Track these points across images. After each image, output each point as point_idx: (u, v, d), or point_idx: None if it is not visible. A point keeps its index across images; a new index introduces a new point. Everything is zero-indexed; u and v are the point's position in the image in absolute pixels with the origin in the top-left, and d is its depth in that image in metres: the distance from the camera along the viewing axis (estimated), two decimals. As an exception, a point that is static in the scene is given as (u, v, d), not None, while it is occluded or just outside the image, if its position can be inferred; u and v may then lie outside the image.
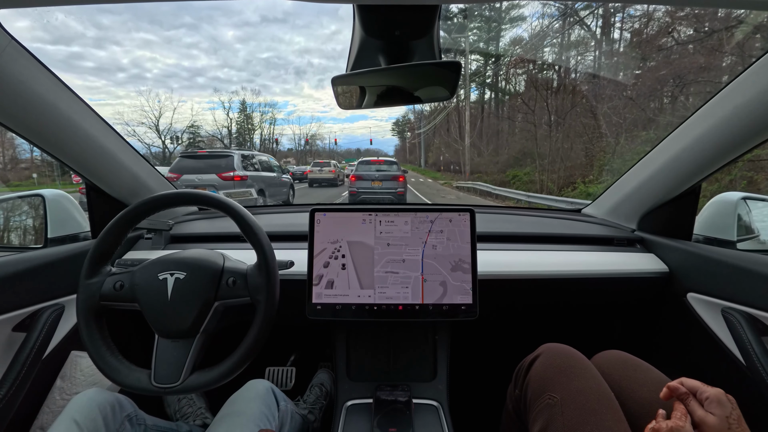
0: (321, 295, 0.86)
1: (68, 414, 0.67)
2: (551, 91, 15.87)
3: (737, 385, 0.82)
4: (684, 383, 0.56)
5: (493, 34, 25.81)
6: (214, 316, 0.71)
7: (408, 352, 1.00)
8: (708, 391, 0.54)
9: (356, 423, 0.84)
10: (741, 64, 8.05)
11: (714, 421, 0.51)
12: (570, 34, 17.06)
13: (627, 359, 0.77)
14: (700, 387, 0.55)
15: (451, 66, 0.63)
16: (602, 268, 1.03)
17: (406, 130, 64.30)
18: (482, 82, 27.27)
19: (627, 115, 11.11)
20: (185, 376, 0.67)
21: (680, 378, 0.58)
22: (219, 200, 0.75)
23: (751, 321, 0.80)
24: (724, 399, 0.53)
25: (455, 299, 0.86)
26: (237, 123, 41.21)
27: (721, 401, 0.52)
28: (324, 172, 17.15)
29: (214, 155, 7.65)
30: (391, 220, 0.89)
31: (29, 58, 0.73)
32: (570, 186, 12.31)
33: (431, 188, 18.98)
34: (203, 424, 1.06)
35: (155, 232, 1.13)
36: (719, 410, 0.51)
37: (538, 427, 0.66)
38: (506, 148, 20.35)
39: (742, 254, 0.86)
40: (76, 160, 0.95)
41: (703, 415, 0.52)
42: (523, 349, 0.84)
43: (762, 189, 6.49)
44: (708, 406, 0.52)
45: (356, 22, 0.59)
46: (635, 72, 12.16)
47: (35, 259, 0.89)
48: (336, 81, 0.69)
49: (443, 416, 0.86)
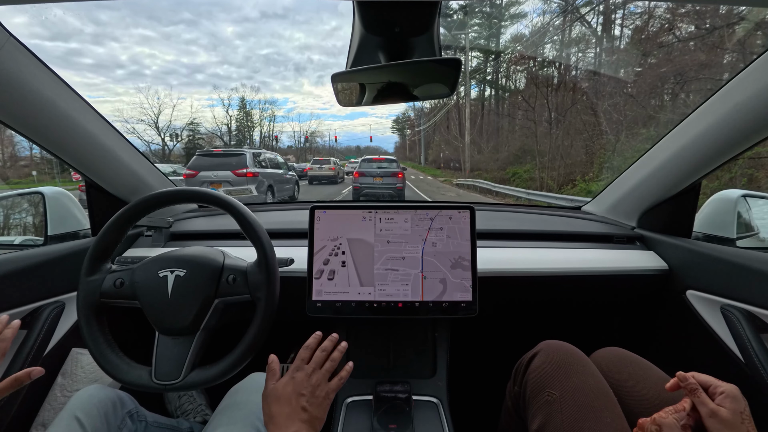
0: (321, 293, 0.87)
1: (70, 410, 0.67)
2: (552, 88, 15.82)
3: (735, 382, 0.82)
4: (696, 377, 0.55)
5: (494, 31, 25.70)
6: (214, 314, 0.72)
7: (408, 349, 1.00)
8: (723, 386, 0.53)
9: (356, 419, 0.84)
10: (742, 61, 8.03)
11: (727, 414, 0.50)
12: (570, 30, 17.00)
13: (626, 356, 0.77)
14: (714, 381, 0.54)
15: (452, 63, 0.63)
16: (602, 266, 1.03)
17: (406, 128, 64.26)
18: (482, 79, 27.20)
19: (627, 112, 11.09)
20: (186, 373, 0.68)
21: (692, 372, 0.57)
22: (219, 197, 0.74)
23: (750, 318, 0.80)
24: (739, 395, 0.52)
25: (455, 296, 0.86)
26: (237, 120, 41.16)
27: (736, 397, 0.51)
28: (324, 170, 17.14)
29: (228, 154, 8.21)
30: (391, 218, 0.89)
31: (28, 55, 0.73)
32: (570, 183, 12.31)
33: (431, 185, 18.97)
34: (204, 420, 1.07)
35: (155, 229, 1.13)
36: (733, 405, 0.50)
37: (536, 424, 0.66)
38: (506, 146, 20.33)
39: (742, 252, 0.86)
40: (76, 157, 0.95)
41: (715, 408, 0.51)
42: (523, 346, 0.84)
43: (762, 186, 6.49)
44: (722, 400, 0.51)
45: (356, 19, 0.59)
46: (636, 69, 12.12)
47: (36, 256, 0.89)
48: (336, 78, 0.69)
49: (443, 413, 0.86)
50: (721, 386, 0.53)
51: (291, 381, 0.61)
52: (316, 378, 0.62)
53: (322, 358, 0.65)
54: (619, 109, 11.31)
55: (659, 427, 0.53)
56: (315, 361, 0.64)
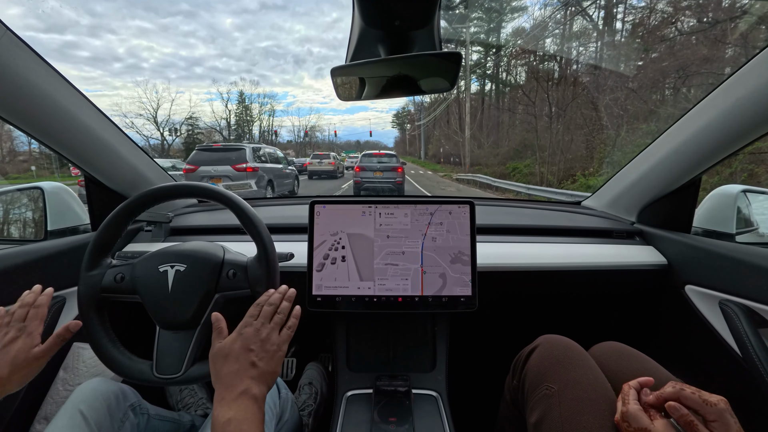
0: (321, 287, 0.87)
1: (73, 403, 0.67)
2: (552, 82, 15.74)
3: (733, 376, 0.83)
4: (685, 401, 0.52)
5: (494, 24, 25.50)
6: (214, 308, 0.72)
7: (407, 343, 1.01)
8: (712, 410, 0.50)
9: (356, 413, 0.85)
10: (744, 56, 7.97)
11: None
12: (572, 24, 16.86)
13: (624, 350, 0.78)
14: (701, 406, 0.51)
15: (452, 57, 0.63)
16: (601, 261, 1.03)
17: (406, 122, 64.03)
18: (483, 73, 27.04)
19: (628, 107, 11.05)
20: (186, 367, 0.68)
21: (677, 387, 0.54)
22: (218, 192, 0.74)
23: (749, 313, 0.81)
24: (729, 414, 0.50)
25: (454, 291, 0.86)
26: (236, 114, 40.98)
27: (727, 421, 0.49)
28: (323, 164, 17.10)
29: (228, 148, 8.12)
30: (390, 213, 0.89)
31: (25, 49, 0.72)
32: (570, 178, 12.30)
33: (431, 180, 18.95)
34: (205, 414, 1.08)
35: (155, 224, 1.13)
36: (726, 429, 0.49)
37: (535, 417, 0.67)
38: (506, 140, 20.29)
39: (741, 247, 0.86)
40: (75, 152, 0.95)
41: None
42: (522, 341, 0.84)
43: (762, 182, 6.48)
44: (717, 428, 0.49)
45: (356, 12, 0.58)
46: (637, 63, 12.05)
47: (36, 251, 0.89)
48: (335, 72, 0.68)
49: (442, 406, 0.87)
50: (710, 411, 0.50)
51: (239, 337, 0.58)
52: (265, 332, 0.59)
53: (271, 311, 0.62)
54: (619, 103, 11.27)
55: (628, 422, 0.55)
56: (263, 315, 0.61)
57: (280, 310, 0.63)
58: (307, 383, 1.25)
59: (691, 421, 0.51)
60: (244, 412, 0.50)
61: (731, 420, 0.50)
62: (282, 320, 0.62)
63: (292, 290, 0.67)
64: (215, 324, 0.62)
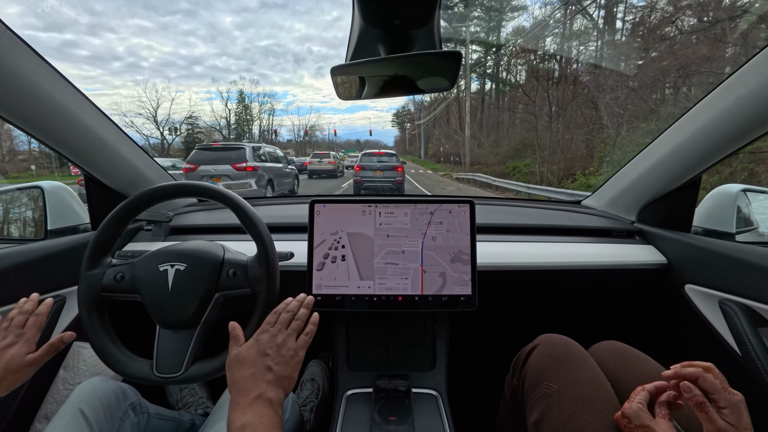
0: (321, 286, 0.87)
1: (73, 402, 0.68)
2: (552, 81, 15.73)
3: (733, 376, 0.83)
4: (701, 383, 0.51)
5: (494, 23, 25.46)
6: (214, 307, 0.72)
7: (407, 343, 1.01)
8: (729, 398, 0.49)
9: (356, 412, 0.85)
10: (744, 55, 7.97)
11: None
12: (572, 23, 16.84)
13: (623, 349, 0.78)
14: (719, 392, 0.50)
15: (452, 56, 0.62)
16: (601, 260, 1.03)
17: (406, 121, 63.97)
18: (483, 72, 27.01)
19: (628, 106, 11.04)
20: (186, 366, 0.68)
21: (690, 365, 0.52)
22: (218, 192, 0.74)
23: (748, 312, 0.81)
24: (743, 408, 0.49)
25: (454, 290, 0.86)
26: (235, 114, 40.96)
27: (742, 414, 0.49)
28: (323, 164, 17.08)
29: (228, 147, 8.12)
30: (390, 212, 0.89)
31: (24, 48, 0.72)
32: (570, 177, 12.29)
33: (431, 179, 18.95)
34: (205, 413, 1.08)
35: (155, 223, 1.13)
36: (739, 422, 0.48)
37: (535, 416, 0.67)
38: (506, 140, 20.28)
39: (741, 246, 0.86)
40: (75, 151, 0.95)
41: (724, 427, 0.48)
42: (521, 340, 0.85)
43: (762, 181, 6.48)
44: (728, 416, 0.48)
45: (356, 11, 0.58)
46: (637, 62, 12.03)
47: (36, 251, 0.89)
48: (335, 71, 0.68)
49: (442, 405, 0.87)
50: (725, 398, 0.49)
51: (255, 343, 0.58)
52: (281, 337, 0.59)
53: (288, 318, 0.62)
54: (620, 102, 11.26)
55: (628, 419, 0.55)
56: (280, 322, 0.61)
57: (297, 317, 0.63)
58: (310, 379, 1.26)
59: (702, 402, 0.50)
60: (259, 417, 0.49)
61: (745, 413, 0.49)
62: (299, 327, 0.62)
63: (310, 298, 0.67)
64: (232, 332, 0.62)
